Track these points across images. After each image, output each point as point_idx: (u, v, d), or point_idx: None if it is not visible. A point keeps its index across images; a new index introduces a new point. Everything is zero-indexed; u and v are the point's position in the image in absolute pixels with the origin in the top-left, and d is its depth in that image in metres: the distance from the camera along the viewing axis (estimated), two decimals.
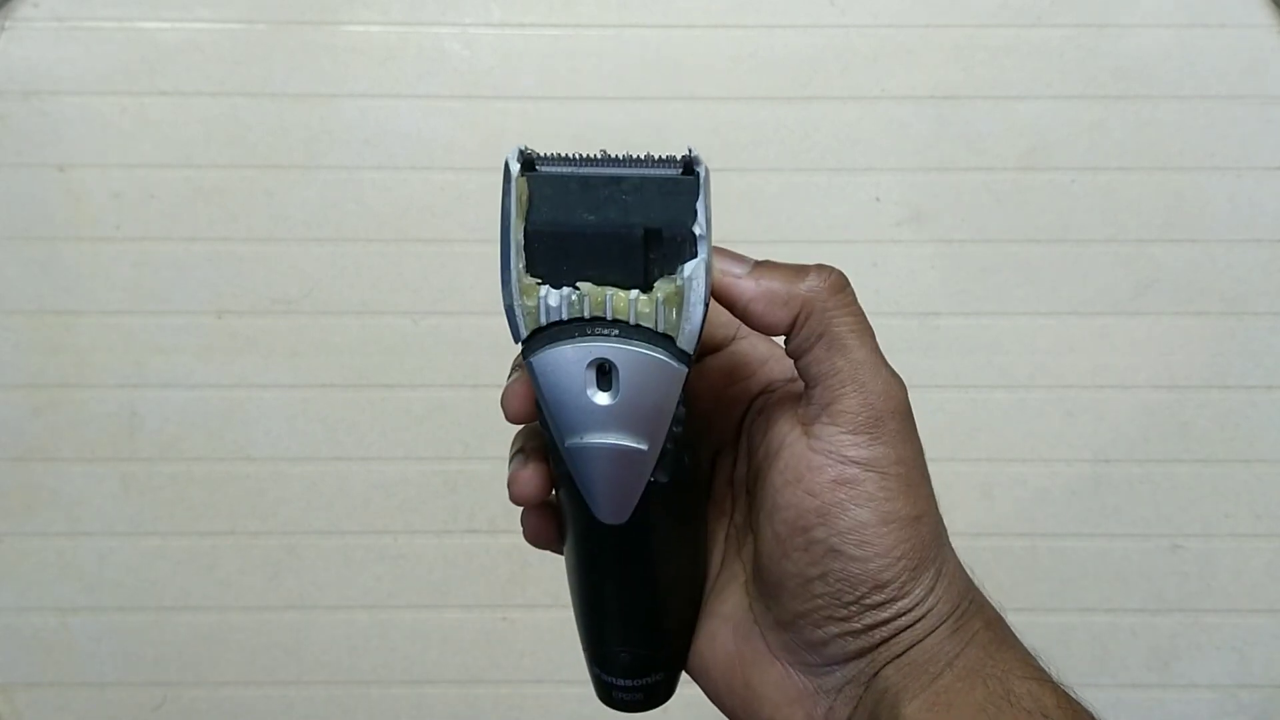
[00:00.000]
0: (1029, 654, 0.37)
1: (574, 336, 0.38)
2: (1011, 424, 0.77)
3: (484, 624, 0.76)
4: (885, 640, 0.37)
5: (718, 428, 0.42)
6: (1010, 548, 0.76)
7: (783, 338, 0.39)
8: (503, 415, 0.40)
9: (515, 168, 0.37)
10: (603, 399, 0.38)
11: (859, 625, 0.37)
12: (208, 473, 0.76)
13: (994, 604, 0.39)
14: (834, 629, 0.37)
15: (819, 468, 0.36)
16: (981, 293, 0.78)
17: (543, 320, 0.38)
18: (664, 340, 0.37)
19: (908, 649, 0.36)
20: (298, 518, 0.76)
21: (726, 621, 0.41)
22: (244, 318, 0.77)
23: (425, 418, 0.76)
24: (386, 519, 0.76)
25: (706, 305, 0.37)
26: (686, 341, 0.37)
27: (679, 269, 0.37)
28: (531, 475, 0.40)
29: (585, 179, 0.38)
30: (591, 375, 0.38)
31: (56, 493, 0.75)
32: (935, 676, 0.36)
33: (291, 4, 0.78)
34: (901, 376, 0.41)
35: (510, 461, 0.41)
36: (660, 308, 0.37)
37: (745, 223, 0.78)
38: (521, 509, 0.41)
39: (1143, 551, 0.76)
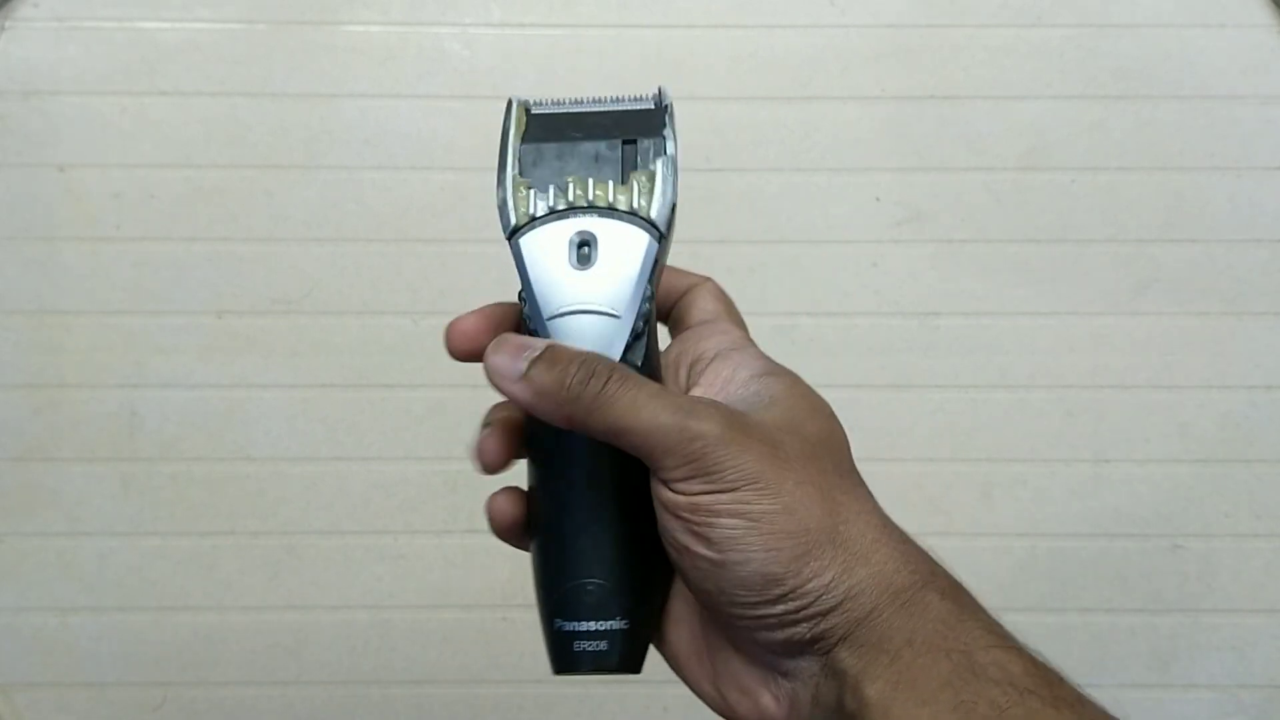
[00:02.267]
0: (992, 621, 0.37)
1: (559, 218, 0.43)
2: (1011, 424, 0.77)
3: (484, 624, 0.76)
4: (815, 629, 0.37)
5: None
6: (1010, 548, 0.76)
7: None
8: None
9: (515, 101, 0.46)
10: (583, 271, 0.42)
11: (774, 620, 0.37)
12: (208, 473, 0.76)
13: (947, 569, 0.38)
14: (753, 627, 0.37)
15: (674, 503, 0.38)
16: (981, 293, 0.78)
17: (531, 211, 0.43)
18: (639, 218, 0.43)
19: (851, 630, 0.36)
20: (298, 518, 0.76)
21: (689, 604, 0.41)
22: (244, 318, 0.77)
23: (425, 418, 0.76)
24: (386, 519, 0.76)
25: (675, 192, 0.43)
26: (659, 215, 0.43)
27: (653, 165, 0.44)
28: (496, 443, 0.42)
29: (574, 114, 0.47)
30: (573, 250, 0.43)
31: (56, 493, 0.75)
32: (895, 656, 0.36)
33: (291, 4, 0.78)
34: (798, 375, 0.42)
35: (479, 432, 0.43)
36: (636, 191, 0.43)
37: (745, 223, 0.78)
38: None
39: (1142, 551, 0.76)
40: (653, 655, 0.42)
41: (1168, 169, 0.79)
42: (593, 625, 0.43)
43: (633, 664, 0.43)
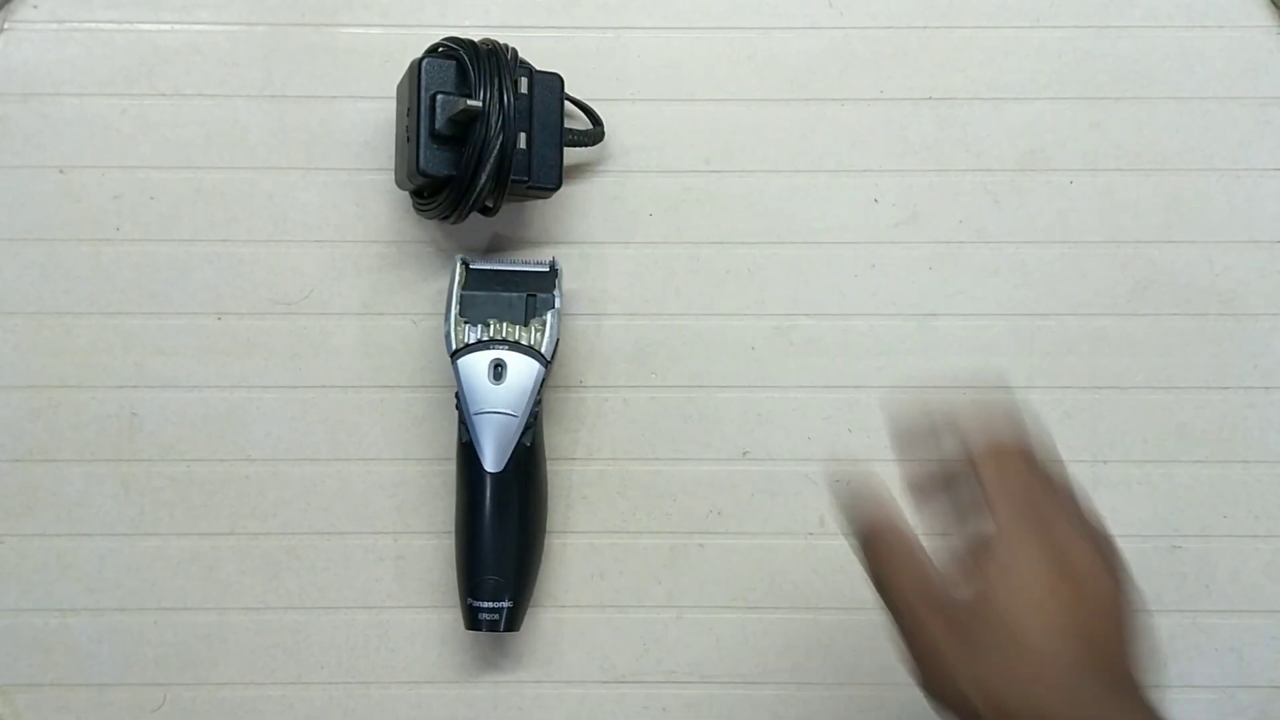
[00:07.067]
0: None
1: (484, 348, 0.66)
2: None
3: None
4: None
5: None
6: None
7: None
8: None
9: (459, 258, 0.70)
10: (496, 385, 0.66)
11: None
12: (208, 473, 0.76)
13: None
14: None
15: None
16: (979, 294, 0.78)
17: (466, 340, 0.67)
18: (534, 351, 0.67)
19: None
20: (298, 518, 0.76)
21: None
22: (244, 319, 0.77)
23: (425, 418, 0.76)
24: (386, 519, 0.76)
25: (558, 334, 0.67)
26: (547, 350, 0.67)
27: (545, 315, 0.68)
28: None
29: (498, 270, 0.70)
30: (491, 370, 0.66)
31: (56, 493, 0.76)
32: None
33: (291, 6, 0.79)
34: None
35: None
36: (533, 332, 0.67)
37: (744, 224, 0.78)
38: None
39: (1141, 552, 0.76)
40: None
41: (1166, 170, 0.79)
42: (493, 604, 0.68)
43: (514, 627, 0.69)
